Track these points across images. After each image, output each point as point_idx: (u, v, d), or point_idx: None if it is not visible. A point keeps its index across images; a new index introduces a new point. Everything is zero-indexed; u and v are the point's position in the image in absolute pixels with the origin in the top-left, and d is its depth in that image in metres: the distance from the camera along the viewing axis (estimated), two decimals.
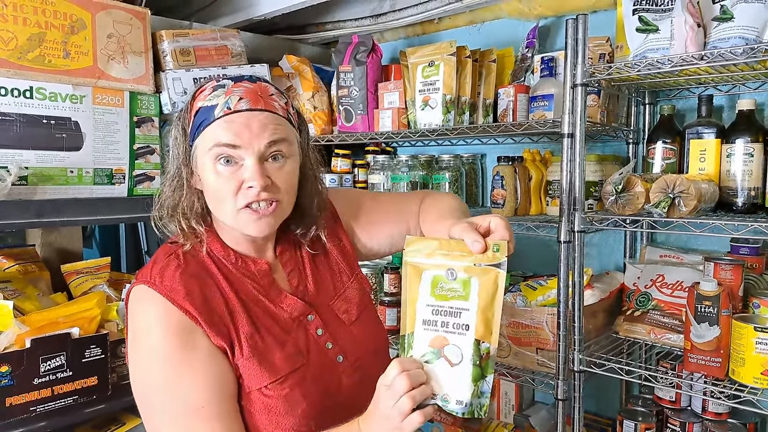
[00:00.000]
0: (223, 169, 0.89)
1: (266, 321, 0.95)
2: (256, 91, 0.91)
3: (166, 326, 0.88)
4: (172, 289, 0.89)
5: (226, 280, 0.95)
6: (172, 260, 0.94)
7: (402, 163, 1.91)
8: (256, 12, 2.07)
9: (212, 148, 0.89)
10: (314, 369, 0.96)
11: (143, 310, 0.91)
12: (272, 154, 0.91)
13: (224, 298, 0.93)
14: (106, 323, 1.48)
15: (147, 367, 0.89)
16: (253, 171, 0.88)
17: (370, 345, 1.06)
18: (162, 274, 0.91)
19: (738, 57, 1.18)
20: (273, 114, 0.91)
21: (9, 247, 1.84)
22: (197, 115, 0.91)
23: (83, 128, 1.46)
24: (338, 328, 1.02)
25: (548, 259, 1.98)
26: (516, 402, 1.89)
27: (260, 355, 0.91)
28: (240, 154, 0.89)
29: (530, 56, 1.79)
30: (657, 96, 1.71)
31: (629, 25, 1.35)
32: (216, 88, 0.91)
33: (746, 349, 1.23)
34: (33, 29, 1.37)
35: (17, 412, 1.27)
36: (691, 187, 1.26)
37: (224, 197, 0.90)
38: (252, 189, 0.88)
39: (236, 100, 0.89)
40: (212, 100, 0.90)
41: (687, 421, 1.53)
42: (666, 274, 1.56)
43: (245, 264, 0.98)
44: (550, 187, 1.69)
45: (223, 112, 0.89)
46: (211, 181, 0.90)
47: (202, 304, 0.90)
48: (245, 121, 0.88)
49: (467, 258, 0.83)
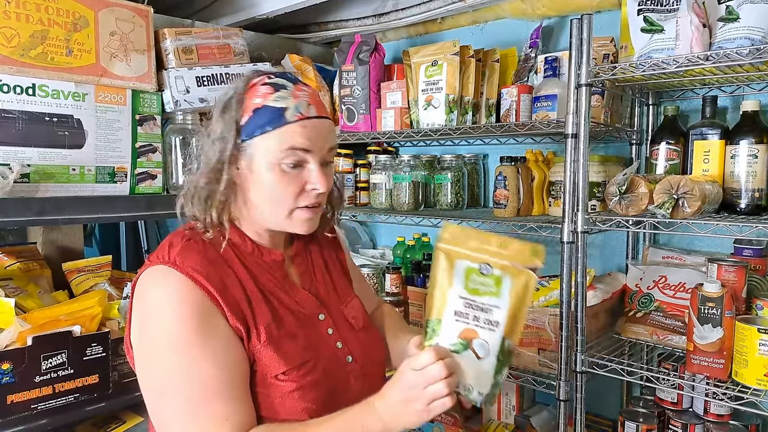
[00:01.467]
0: (289, 171, 0.93)
1: (282, 311, 0.96)
2: (316, 97, 0.97)
3: (184, 307, 0.86)
4: (194, 269, 0.89)
5: (245, 268, 0.96)
6: (192, 244, 0.94)
7: (404, 163, 1.91)
8: (258, 11, 2.07)
9: (286, 150, 0.92)
10: (324, 365, 0.97)
11: (158, 291, 0.89)
12: (328, 159, 0.98)
13: (242, 285, 0.94)
14: (108, 321, 1.48)
15: (161, 349, 0.87)
16: (319, 175, 0.94)
17: (376, 355, 1.09)
18: (183, 256, 0.91)
19: (744, 58, 1.18)
20: (330, 121, 0.99)
21: (10, 244, 1.84)
22: (259, 113, 0.92)
23: (85, 126, 1.45)
24: (348, 331, 1.05)
25: (551, 259, 1.97)
26: (517, 402, 1.89)
27: (276, 344, 0.92)
28: (307, 158, 0.94)
29: (533, 56, 1.79)
30: (661, 97, 1.71)
31: (634, 25, 1.35)
32: (276, 88, 0.93)
33: (749, 350, 1.22)
34: (36, 26, 1.36)
35: (18, 409, 1.27)
36: (695, 188, 1.26)
37: (284, 197, 0.94)
38: (315, 191, 0.95)
39: (305, 106, 0.93)
40: (278, 101, 0.92)
41: (689, 423, 1.52)
42: (669, 276, 1.56)
43: (260, 254, 1.00)
44: (553, 188, 1.69)
45: (295, 117, 0.92)
46: (271, 181, 0.93)
47: (222, 287, 0.90)
48: (317, 128, 0.94)
49: (504, 256, 0.85)
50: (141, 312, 0.91)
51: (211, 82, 1.68)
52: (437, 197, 1.91)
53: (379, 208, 1.98)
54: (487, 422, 1.93)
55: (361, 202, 2.14)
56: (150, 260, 0.93)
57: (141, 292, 0.92)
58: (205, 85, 1.66)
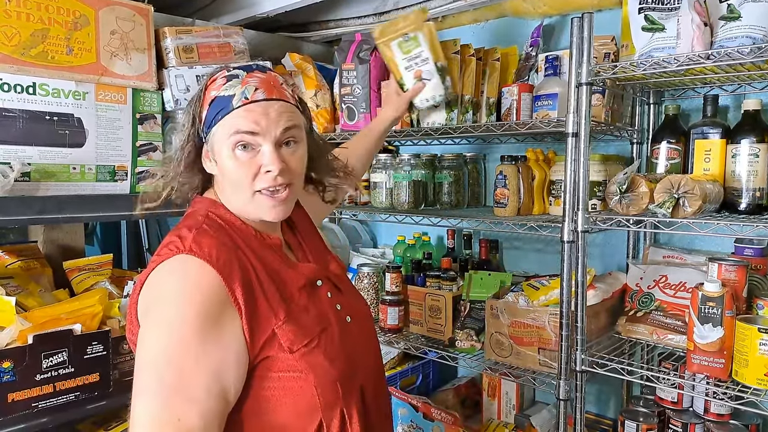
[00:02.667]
0: (241, 154, 0.94)
1: (291, 288, 0.98)
2: (269, 81, 0.97)
3: (197, 296, 0.86)
4: (211, 255, 0.89)
5: (252, 250, 0.97)
6: (203, 231, 0.94)
7: (404, 162, 1.91)
8: (259, 10, 2.07)
9: (232, 135, 0.94)
10: (336, 329, 1.01)
11: (177, 278, 0.89)
12: (286, 140, 0.97)
13: (253, 268, 0.95)
14: (108, 320, 1.48)
15: (164, 329, 0.86)
16: (270, 156, 0.94)
17: (363, 310, 1.14)
18: (198, 243, 0.91)
19: (745, 56, 1.18)
20: (286, 102, 0.98)
21: (11, 243, 1.85)
22: (213, 104, 0.96)
23: (86, 125, 1.46)
24: (339, 293, 1.09)
25: (551, 258, 1.97)
26: (517, 402, 1.89)
27: (294, 319, 0.94)
28: (258, 141, 0.94)
29: (534, 55, 1.78)
30: (662, 96, 1.70)
31: (635, 23, 1.35)
32: (230, 78, 0.96)
33: (750, 350, 1.22)
34: (36, 25, 1.36)
35: (19, 407, 1.28)
36: (696, 188, 1.26)
37: (242, 181, 0.95)
38: (270, 173, 0.94)
39: (252, 90, 0.94)
40: (228, 90, 0.95)
41: (689, 422, 1.52)
42: (669, 275, 1.55)
43: (262, 237, 1.02)
44: (554, 187, 1.68)
45: (241, 102, 0.94)
46: (230, 167, 0.95)
47: (239, 273, 0.90)
48: (263, 110, 0.94)
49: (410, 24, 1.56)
50: (155, 297, 0.90)
51: None
52: (438, 196, 1.91)
53: (379, 207, 1.98)
54: (487, 421, 1.93)
55: (362, 201, 2.14)
56: (160, 255, 0.92)
57: (156, 282, 0.90)
58: None
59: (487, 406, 1.95)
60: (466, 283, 1.89)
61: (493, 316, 1.63)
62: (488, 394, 1.95)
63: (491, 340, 1.62)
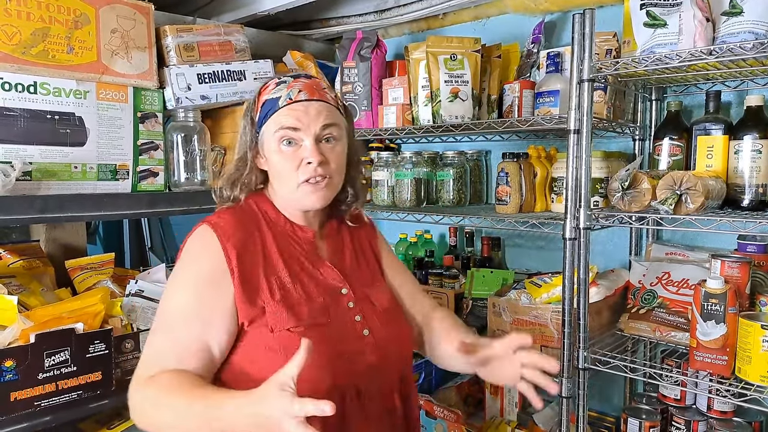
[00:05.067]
0: (286, 149, 1.06)
1: (303, 277, 1.08)
2: (311, 85, 1.09)
3: (202, 259, 1.03)
4: (224, 230, 1.05)
5: (272, 235, 1.09)
6: (231, 210, 1.11)
7: (406, 159, 1.90)
8: (259, 8, 2.06)
9: (277, 131, 1.06)
10: (335, 331, 1.05)
11: (193, 241, 1.07)
12: (326, 136, 1.07)
13: (264, 248, 1.07)
14: (110, 319, 1.48)
15: (174, 281, 1.05)
16: (311, 149, 1.05)
17: (396, 333, 1.14)
18: (219, 217, 1.08)
19: (748, 52, 1.17)
20: (326, 103, 1.09)
21: (13, 242, 1.85)
22: (263, 107, 1.09)
23: (87, 123, 1.45)
24: (368, 307, 1.12)
25: (553, 256, 1.97)
26: (519, 399, 1.89)
27: (289, 303, 1.03)
28: (300, 136, 1.05)
29: (536, 52, 1.78)
30: (664, 92, 1.70)
31: (637, 20, 1.34)
32: (278, 84, 1.09)
33: (753, 347, 1.22)
34: (37, 24, 1.36)
35: (21, 406, 1.28)
36: (699, 184, 1.25)
37: (287, 173, 1.07)
38: (310, 165, 1.04)
39: (296, 92, 1.07)
40: (276, 93, 1.08)
41: (692, 420, 1.52)
42: (672, 272, 1.55)
43: (293, 229, 1.13)
44: (555, 184, 1.68)
45: (286, 102, 1.06)
46: (276, 160, 1.07)
47: (242, 248, 1.04)
48: (304, 109, 1.06)
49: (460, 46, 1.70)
50: (179, 257, 1.08)
51: (212, 79, 1.67)
52: (439, 194, 1.91)
53: (381, 205, 1.98)
54: (489, 419, 1.93)
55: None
56: (198, 223, 1.10)
57: (183, 245, 1.09)
58: (207, 82, 1.66)
59: (489, 403, 1.95)
60: (468, 281, 1.88)
61: (495, 313, 1.62)
62: (491, 392, 1.94)
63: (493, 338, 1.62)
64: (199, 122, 1.69)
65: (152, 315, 1.58)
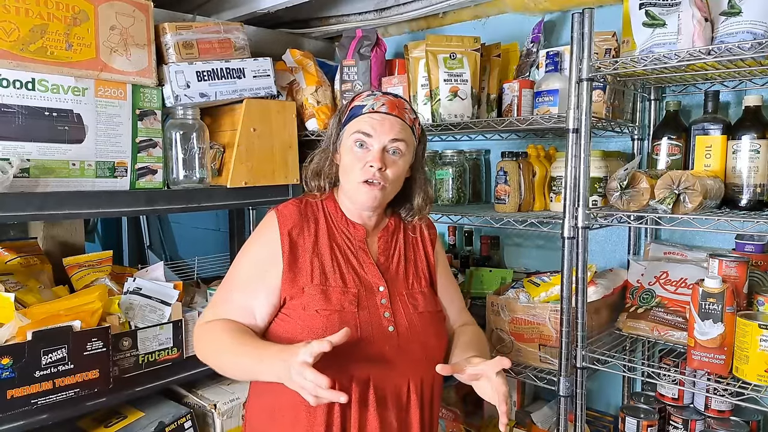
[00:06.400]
0: (357, 150, 1.22)
1: (344, 268, 1.22)
2: (395, 103, 1.24)
3: (262, 238, 1.24)
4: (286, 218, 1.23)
5: (327, 226, 1.26)
6: (297, 201, 1.28)
7: None
8: (259, 6, 2.06)
9: (354, 133, 1.22)
10: (360, 321, 1.16)
11: (261, 223, 1.27)
12: (392, 148, 1.21)
13: (317, 236, 1.24)
14: (108, 316, 1.48)
15: (242, 250, 1.27)
16: (376, 155, 1.19)
17: (423, 336, 1.22)
18: (285, 206, 1.26)
19: (746, 52, 1.17)
20: (401, 121, 1.23)
21: (11, 239, 1.84)
22: (352, 110, 1.25)
23: (85, 121, 1.45)
24: (401, 307, 1.23)
25: (552, 255, 1.97)
26: (518, 398, 1.89)
27: (324, 288, 1.18)
28: (371, 141, 1.20)
29: (535, 51, 1.78)
30: (663, 92, 1.70)
31: (636, 19, 1.34)
32: (369, 95, 1.26)
33: (750, 346, 1.22)
34: (35, 20, 1.36)
35: (18, 404, 1.27)
36: (697, 184, 1.25)
37: (353, 170, 1.21)
38: (372, 168, 1.19)
39: (380, 105, 1.23)
40: (364, 101, 1.24)
41: (689, 419, 1.52)
42: (670, 271, 1.55)
43: (347, 224, 1.27)
44: (554, 183, 1.68)
45: (368, 110, 1.22)
46: (348, 158, 1.23)
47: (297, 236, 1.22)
48: (381, 119, 1.21)
49: (460, 45, 1.69)
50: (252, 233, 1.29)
51: (211, 76, 1.67)
52: (439, 192, 1.91)
53: None
54: (488, 418, 1.93)
55: None
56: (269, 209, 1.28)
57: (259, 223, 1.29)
58: (206, 79, 1.66)
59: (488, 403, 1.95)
60: (467, 280, 1.88)
61: (493, 312, 1.63)
62: None
63: (492, 337, 1.62)
64: (198, 120, 1.69)
65: (150, 313, 1.58)
